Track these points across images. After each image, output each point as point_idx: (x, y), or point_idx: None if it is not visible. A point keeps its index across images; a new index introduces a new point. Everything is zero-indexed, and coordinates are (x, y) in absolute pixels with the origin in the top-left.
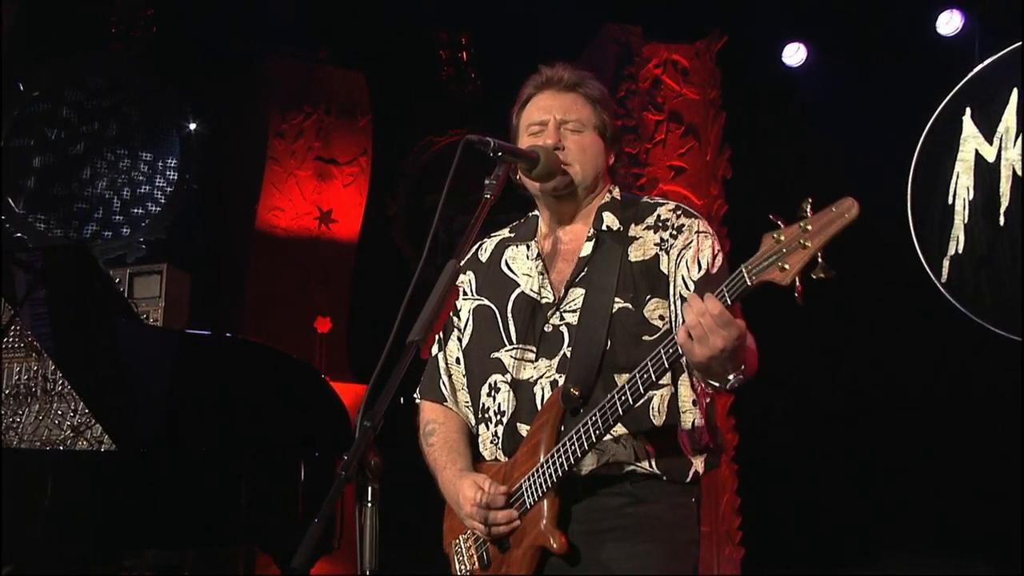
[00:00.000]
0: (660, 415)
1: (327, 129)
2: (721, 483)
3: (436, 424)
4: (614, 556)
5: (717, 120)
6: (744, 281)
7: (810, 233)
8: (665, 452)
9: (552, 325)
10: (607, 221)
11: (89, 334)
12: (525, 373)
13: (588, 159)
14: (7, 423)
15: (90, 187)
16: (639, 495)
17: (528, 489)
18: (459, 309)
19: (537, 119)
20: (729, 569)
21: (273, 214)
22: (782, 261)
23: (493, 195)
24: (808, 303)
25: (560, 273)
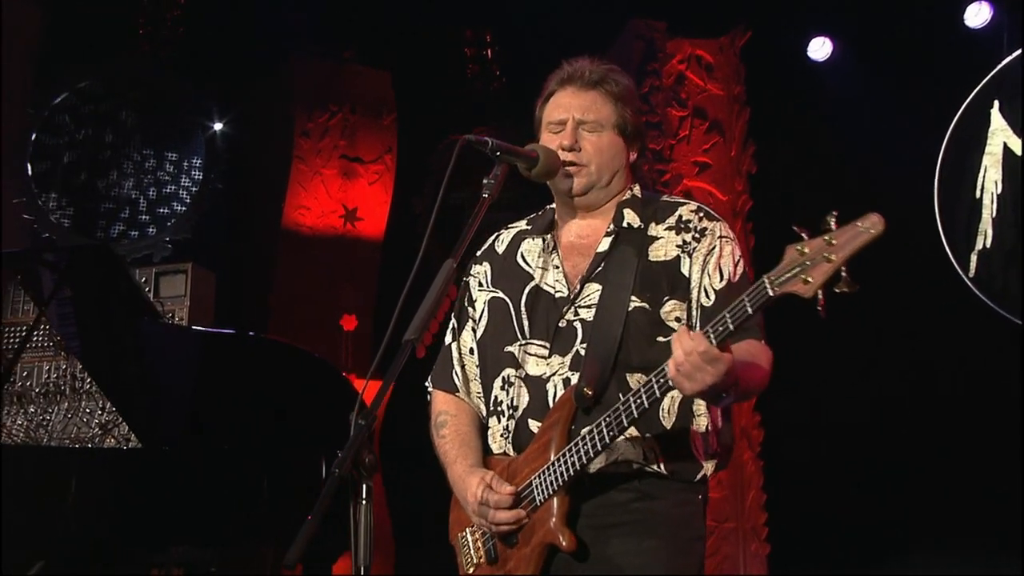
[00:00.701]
0: (671, 417)
1: (352, 128)
2: (747, 479)
3: (448, 416)
4: (620, 551)
5: (742, 115)
6: (766, 292)
7: (835, 247)
8: (675, 454)
9: (566, 321)
10: (628, 218)
11: (113, 334)
12: (538, 369)
13: (604, 160)
14: (37, 421)
15: (117, 187)
16: (646, 491)
17: (538, 487)
18: (474, 299)
19: (556, 118)
20: (755, 565)
21: (299, 213)
22: (805, 274)
23: (491, 195)
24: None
25: (576, 267)
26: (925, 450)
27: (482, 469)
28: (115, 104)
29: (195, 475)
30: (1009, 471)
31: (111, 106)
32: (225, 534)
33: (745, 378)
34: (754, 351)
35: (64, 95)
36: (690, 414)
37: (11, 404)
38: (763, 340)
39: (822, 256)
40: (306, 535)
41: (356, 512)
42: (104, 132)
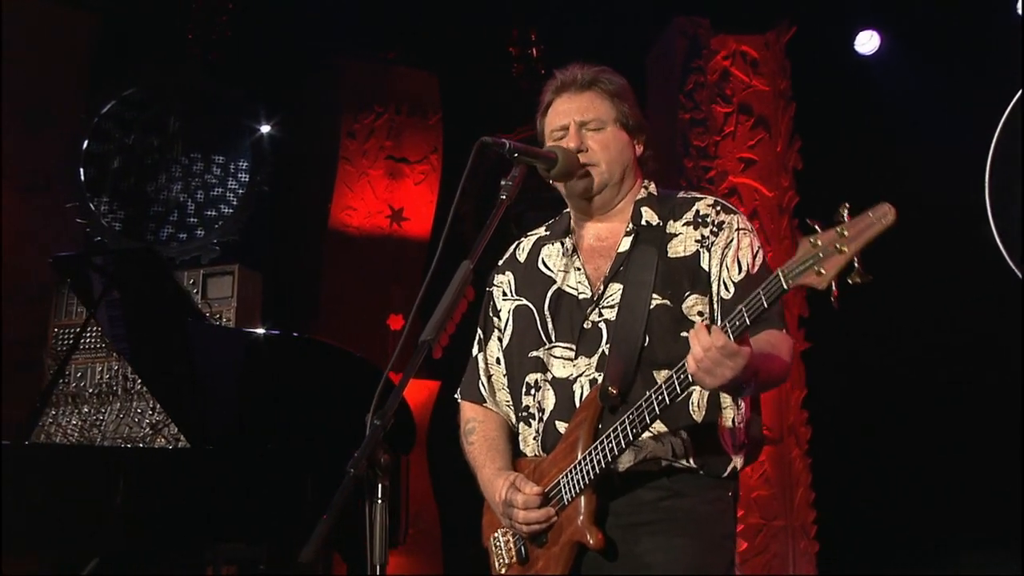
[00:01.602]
0: (700, 411)
1: (398, 128)
2: (795, 477)
3: (475, 423)
4: (649, 549)
5: (787, 111)
6: (780, 285)
7: (847, 238)
8: (704, 448)
9: (591, 322)
10: (646, 216)
11: (159, 335)
12: (564, 371)
13: (613, 156)
14: (91, 421)
15: (166, 191)
16: (675, 489)
17: (566, 486)
18: (499, 309)
19: (558, 124)
20: (804, 563)
21: (346, 213)
22: (819, 266)
23: (509, 196)
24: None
25: (597, 269)
26: (979, 449)
27: (510, 472)
28: (162, 109)
29: (241, 474)
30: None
31: (159, 111)
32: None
33: (765, 369)
34: (774, 341)
35: (112, 103)
36: (719, 408)
37: (66, 404)
38: (784, 329)
39: (835, 248)
40: (321, 533)
41: (371, 511)
42: (152, 137)
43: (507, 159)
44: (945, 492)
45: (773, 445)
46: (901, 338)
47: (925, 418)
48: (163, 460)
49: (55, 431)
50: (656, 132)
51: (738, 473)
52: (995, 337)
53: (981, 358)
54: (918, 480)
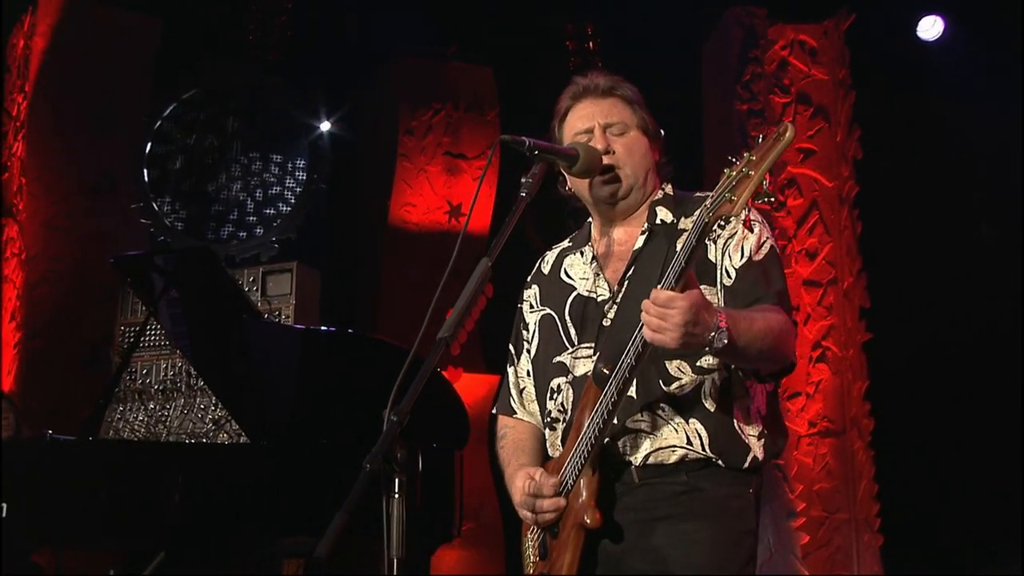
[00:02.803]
0: (712, 400)
1: (456, 124)
2: (858, 469)
3: (507, 430)
4: (665, 543)
5: (847, 100)
6: (703, 219)
7: (753, 162)
8: (718, 436)
9: (609, 320)
10: (660, 215)
11: (217, 333)
12: (583, 369)
13: (637, 159)
14: (156, 417)
15: (226, 190)
16: (693, 484)
17: (569, 471)
18: (528, 323)
19: (582, 127)
20: (868, 557)
21: (405, 210)
22: (731, 192)
23: (529, 194)
24: (950, 285)
25: (616, 272)
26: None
27: (531, 467)
28: (221, 110)
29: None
30: None
31: (218, 112)
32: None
33: (740, 328)
34: (763, 308)
35: (173, 105)
36: (731, 396)
37: (133, 400)
38: (782, 308)
39: (744, 172)
40: (336, 529)
41: (388, 505)
42: (212, 137)
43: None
44: (1010, 484)
45: (835, 437)
46: (965, 328)
47: (990, 409)
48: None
49: (123, 427)
50: (712, 123)
51: (760, 466)
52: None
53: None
54: (984, 472)
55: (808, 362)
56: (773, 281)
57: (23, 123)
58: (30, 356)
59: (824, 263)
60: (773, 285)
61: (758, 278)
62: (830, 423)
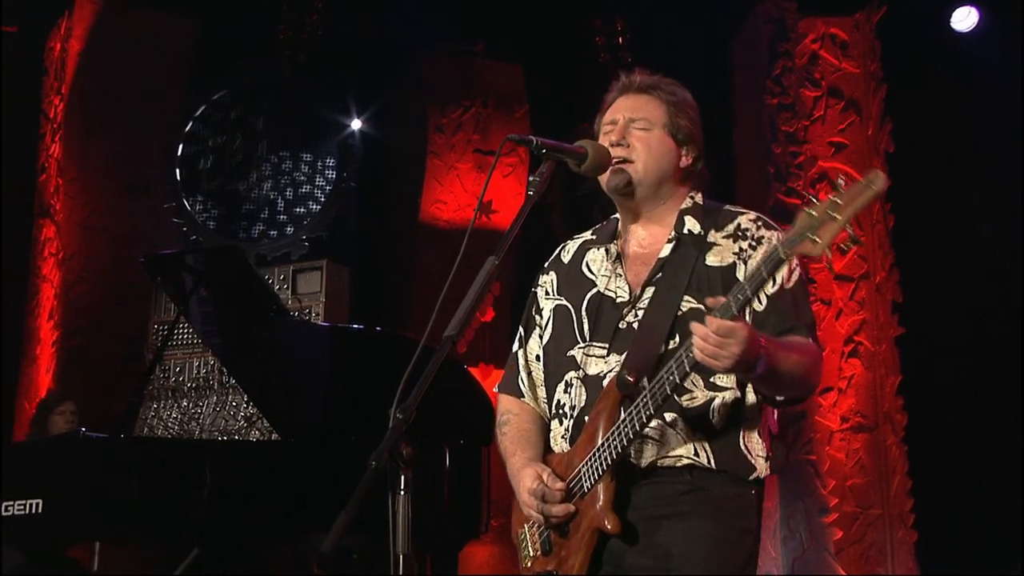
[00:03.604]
0: (721, 417)
1: (485, 121)
2: (892, 464)
3: (510, 415)
4: (667, 540)
5: (878, 93)
6: (778, 255)
7: (840, 206)
8: (725, 452)
9: (626, 322)
10: (688, 225)
11: (246, 331)
12: (595, 368)
13: (652, 157)
14: (190, 414)
15: (256, 189)
16: (698, 484)
17: (586, 474)
18: (541, 308)
19: (608, 119)
20: (903, 553)
21: (436, 207)
22: (814, 234)
23: (536, 192)
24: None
25: (638, 275)
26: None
27: (537, 463)
28: (251, 110)
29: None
30: None
31: (247, 112)
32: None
33: (781, 357)
34: (796, 340)
35: (204, 106)
36: (741, 416)
37: (166, 398)
38: (812, 340)
39: (828, 215)
40: (342, 525)
41: (394, 502)
42: (242, 137)
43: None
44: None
45: (868, 432)
46: (999, 322)
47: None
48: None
49: (156, 424)
50: (743, 118)
51: (763, 481)
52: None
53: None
54: (1019, 466)
55: (840, 357)
56: (803, 312)
57: (60, 125)
58: (68, 354)
59: (856, 257)
60: (804, 316)
61: (789, 308)
62: (863, 418)
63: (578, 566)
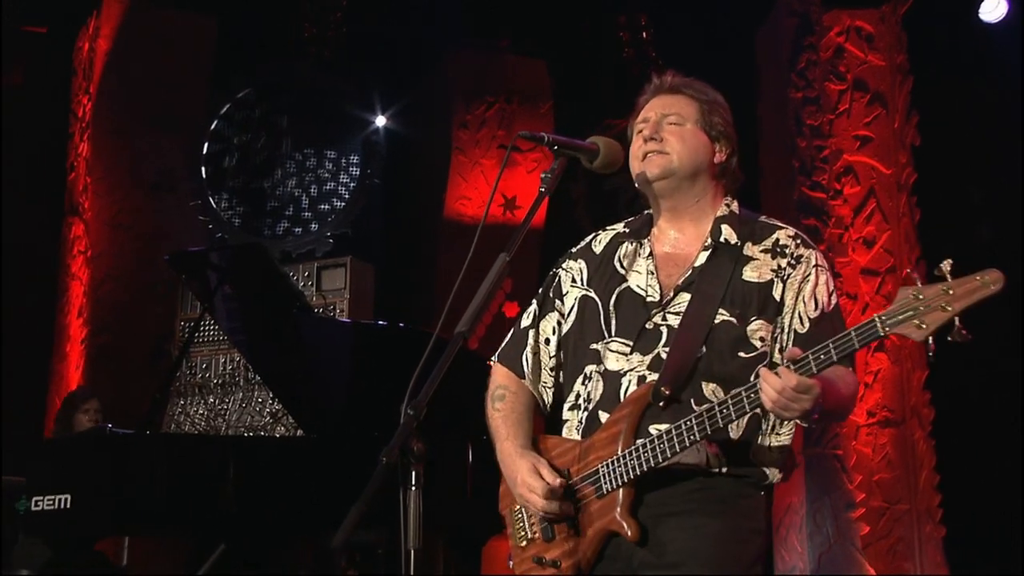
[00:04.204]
0: (739, 429)
1: (510, 117)
2: (919, 459)
3: (507, 391)
4: (673, 536)
5: (904, 86)
6: (876, 331)
7: (952, 297)
8: (739, 462)
9: (654, 323)
10: (725, 234)
11: (269, 328)
12: (616, 364)
13: (686, 149)
14: (216, 410)
15: (281, 186)
16: (708, 484)
17: (606, 476)
18: (564, 293)
19: (641, 119)
20: (931, 548)
21: (460, 203)
22: (919, 319)
23: (548, 189)
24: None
25: (669, 277)
26: None
27: (532, 454)
28: (275, 108)
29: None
30: None
31: (271, 110)
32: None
33: (832, 399)
34: (840, 374)
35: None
36: (760, 431)
37: (193, 394)
38: (852, 368)
39: (939, 304)
40: (352, 520)
41: (405, 497)
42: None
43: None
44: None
45: (895, 427)
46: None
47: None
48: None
49: (184, 420)
50: (767, 112)
51: (773, 486)
52: None
53: None
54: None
55: (866, 351)
56: None
57: (88, 124)
58: (96, 351)
59: (882, 251)
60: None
61: (830, 335)
62: (890, 412)
63: (586, 562)
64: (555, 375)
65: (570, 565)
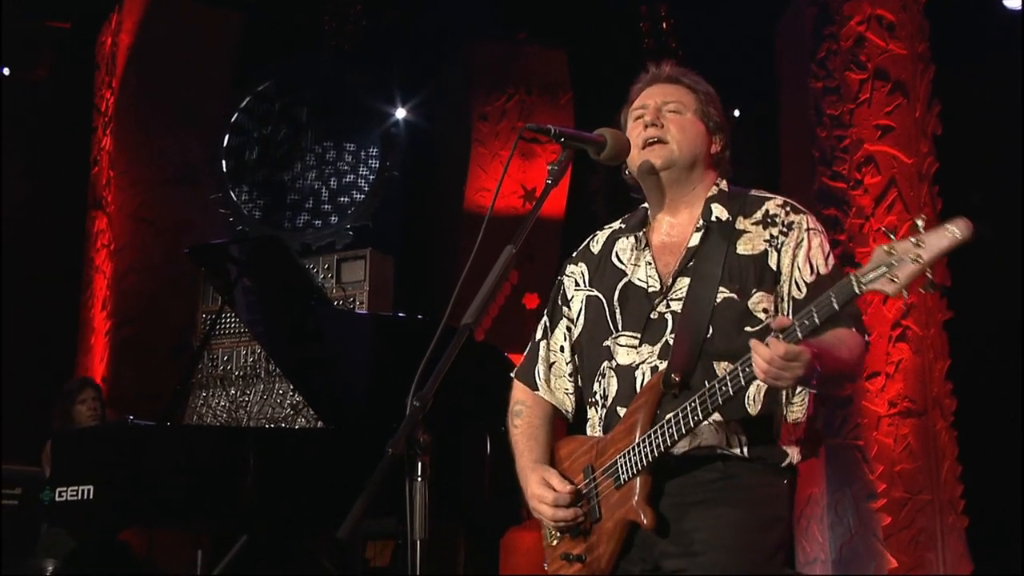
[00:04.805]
0: (756, 404)
1: (529, 108)
2: (941, 450)
3: (524, 407)
4: (696, 526)
5: (926, 74)
6: (852, 290)
7: (922, 249)
8: (758, 440)
9: (658, 313)
10: (716, 212)
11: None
12: (628, 358)
13: (687, 138)
14: (238, 402)
15: (301, 179)
16: (729, 472)
17: (623, 466)
18: (570, 299)
19: (639, 105)
20: (953, 539)
21: (480, 195)
22: (892, 273)
23: (555, 181)
24: None
25: (667, 264)
26: None
27: (543, 467)
28: (295, 101)
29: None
30: None
31: (292, 103)
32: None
33: (830, 362)
34: (841, 336)
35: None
36: (776, 403)
37: (215, 387)
38: (855, 329)
39: (909, 257)
40: (358, 511)
41: (411, 488)
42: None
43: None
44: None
45: (917, 417)
46: None
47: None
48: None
49: (206, 412)
50: (788, 103)
51: (795, 467)
52: None
53: None
54: None
55: (888, 342)
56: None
57: (111, 118)
58: (120, 343)
59: None
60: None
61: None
62: (911, 403)
63: (609, 554)
64: (574, 380)
65: (594, 559)
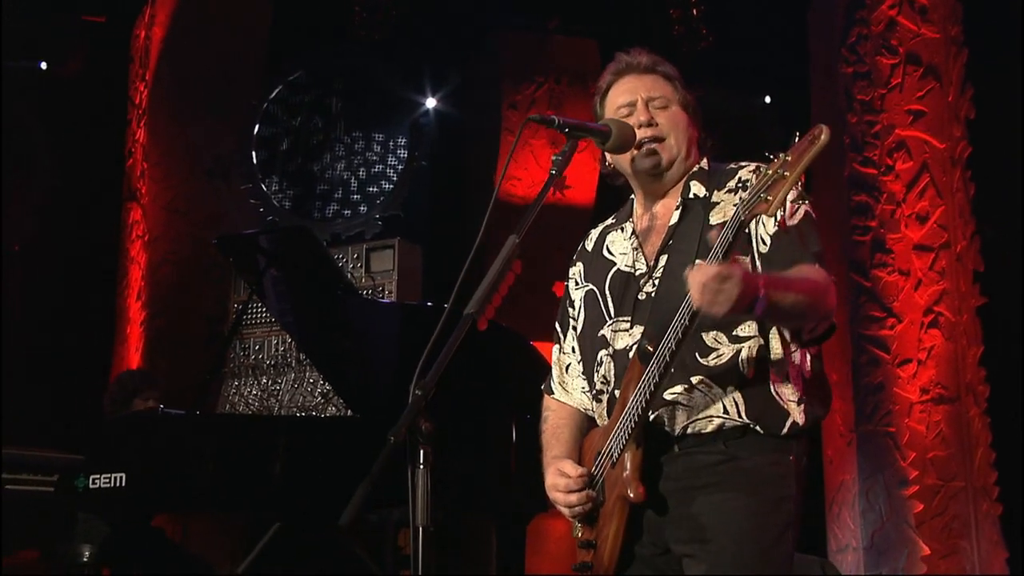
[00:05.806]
0: (749, 367)
1: (559, 98)
2: (975, 437)
3: (549, 412)
4: (702, 511)
5: (959, 58)
6: (739, 217)
7: (789, 163)
8: (756, 402)
9: (645, 293)
10: (694, 189)
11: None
12: (622, 342)
13: (680, 132)
14: (269, 391)
15: (330, 169)
16: (733, 453)
17: (615, 445)
18: (573, 300)
19: (624, 101)
20: (987, 526)
21: (511, 184)
22: (766, 193)
23: (559, 171)
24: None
25: (653, 246)
26: None
27: (560, 459)
28: (325, 91)
29: None
30: None
31: (322, 93)
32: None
33: (777, 290)
34: (802, 270)
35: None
36: (769, 362)
37: (246, 375)
38: (819, 265)
39: (779, 174)
40: (360, 498)
41: (414, 476)
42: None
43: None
44: None
45: (949, 404)
46: None
47: None
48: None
49: (238, 401)
50: (818, 88)
51: (800, 431)
52: None
53: None
54: None
55: (920, 328)
56: (809, 244)
57: (144, 111)
58: (154, 334)
59: (936, 227)
60: (810, 247)
61: (794, 241)
62: (943, 389)
63: (612, 535)
64: (587, 377)
65: (601, 541)
